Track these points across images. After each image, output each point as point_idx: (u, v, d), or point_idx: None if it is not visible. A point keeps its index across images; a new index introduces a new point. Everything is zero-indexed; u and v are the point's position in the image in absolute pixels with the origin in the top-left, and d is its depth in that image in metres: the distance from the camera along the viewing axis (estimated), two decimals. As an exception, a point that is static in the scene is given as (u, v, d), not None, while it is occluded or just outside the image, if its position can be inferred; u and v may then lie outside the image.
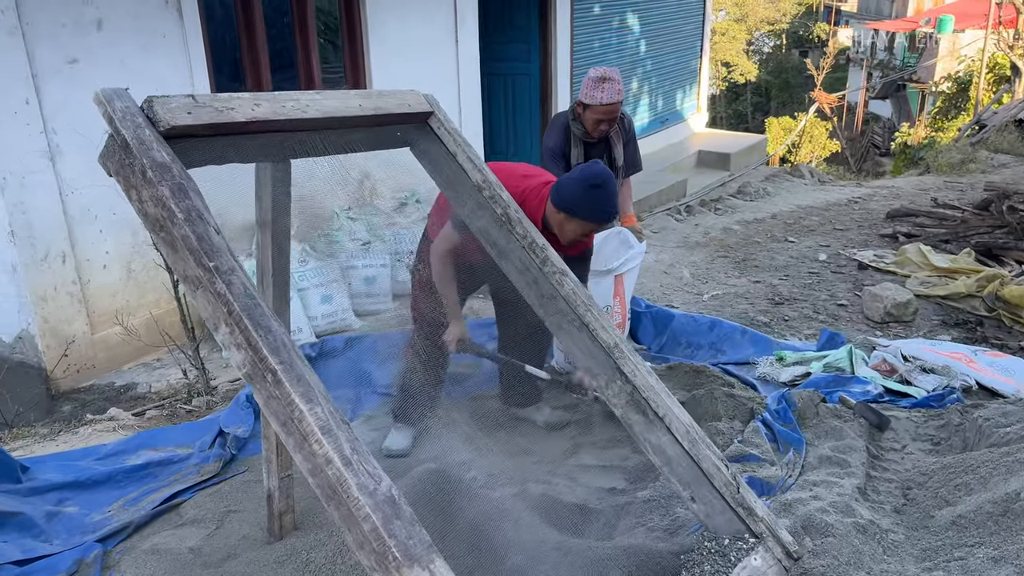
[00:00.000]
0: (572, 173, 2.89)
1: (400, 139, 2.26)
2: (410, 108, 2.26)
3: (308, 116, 1.96)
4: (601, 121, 3.64)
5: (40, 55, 4.05)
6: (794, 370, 3.80)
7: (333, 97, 2.06)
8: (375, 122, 2.18)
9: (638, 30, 8.86)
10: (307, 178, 2.24)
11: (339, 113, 2.05)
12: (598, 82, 3.55)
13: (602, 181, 2.78)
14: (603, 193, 2.79)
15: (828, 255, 6.19)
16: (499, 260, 2.35)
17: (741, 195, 8.43)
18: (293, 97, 1.97)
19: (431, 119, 2.33)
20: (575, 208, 2.80)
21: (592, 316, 2.22)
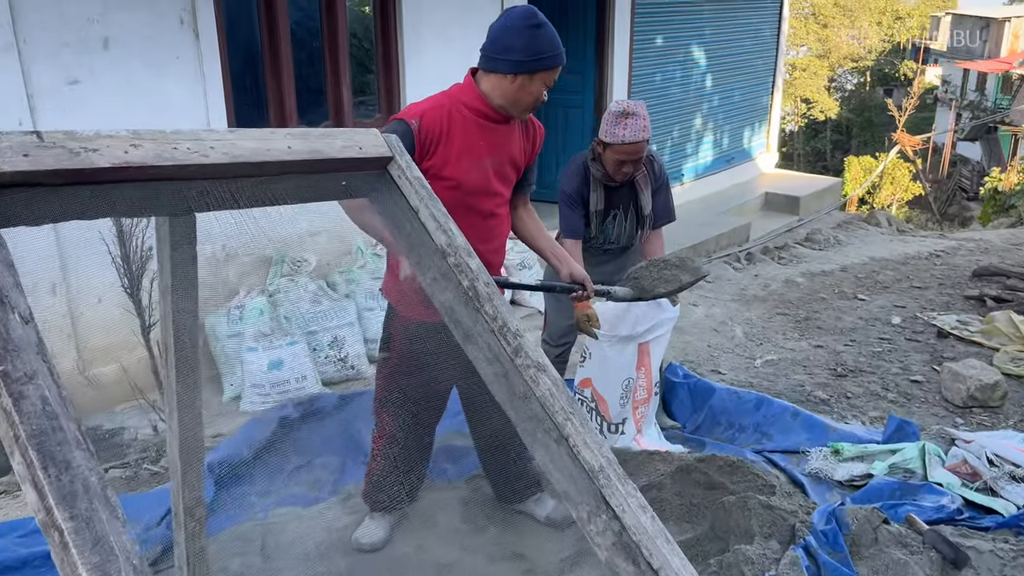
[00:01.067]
0: (495, 24, 2.44)
1: (345, 190, 1.82)
2: (361, 152, 1.82)
3: (211, 161, 1.54)
4: (623, 163, 3.16)
5: (38, 75, 3.79)
6: (852, 467, 3.21)
7: (251, 137, 1.63)
8: (312, 168, 1.75)
9: (704, 64, 8.34)
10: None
11: (258, 158, 1.62)
12: (620, 118, 3.07)
13: (540, 19, 2.37)
14: (545, 31, 2.37)
15: (903, 318, 5.51)
16: (464, 344, 1.88)
17: (809, 243, 7.77)
18: (193, 137, 1.55)
19: (391, 165, 1.89)
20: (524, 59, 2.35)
21: (574, 427, 1.72)
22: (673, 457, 3.08)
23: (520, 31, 2.35)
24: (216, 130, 1.59)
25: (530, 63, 2.36)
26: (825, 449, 3.34)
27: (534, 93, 2.43)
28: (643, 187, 3.28)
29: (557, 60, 2.41)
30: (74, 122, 3.95)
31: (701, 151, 8.68)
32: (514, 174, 2.62)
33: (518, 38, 2.35)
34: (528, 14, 2.36)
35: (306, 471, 3.27)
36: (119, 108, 4.10)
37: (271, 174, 1.69)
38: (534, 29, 2.35)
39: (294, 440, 3.37)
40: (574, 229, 3.31)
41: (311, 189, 1.78)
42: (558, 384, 1.77)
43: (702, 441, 3.52)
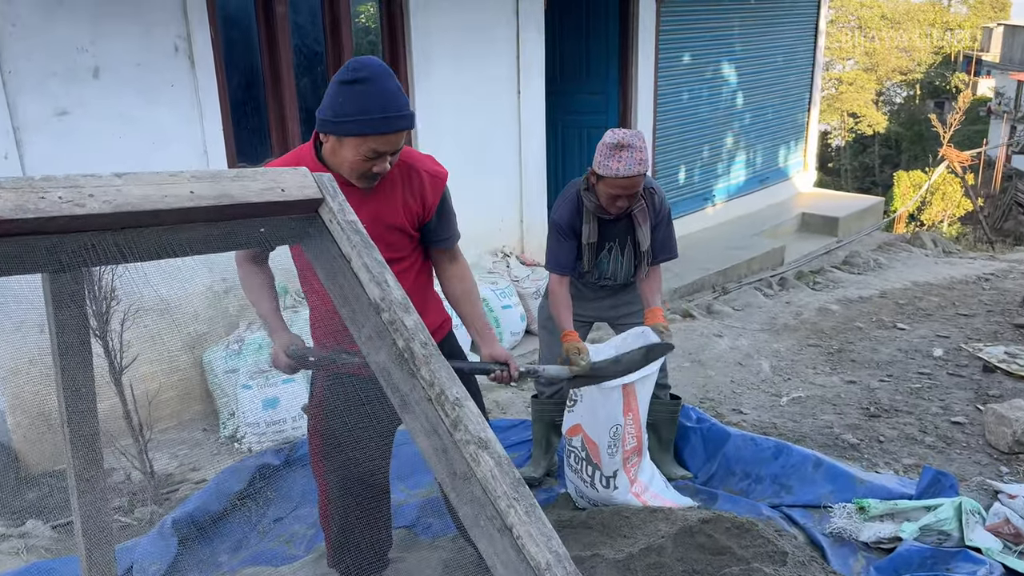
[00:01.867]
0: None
1: (264, 238, 1.61)
2: (283, 195, 1.61)
3: (87, 212, 1.34)
4: (617, 197, 2.91)
5: (24, 106, 3.69)
6: (880, 528, 2.88)
7: (143, 182, 1.43)
8: (223, 215, 1.55)
9: (735, 81, 8.04)
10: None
11: (150, 206, 1.42)
12: (614, 150, 2.82)
13: (366, 73, 1.97)
14: (371, 88, 1.96)
15: (946, 350, 5.13)
16: (402, 413, 1.65)
17: (847, 267, 7.40)
18: (69, 184, 1.35)
19: (322, 208, 1.68)
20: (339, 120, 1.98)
21: (517, 515, 1.47)
22: (676, 516, 2.80)
23: (331, 85, 2.01)
24: (99, 175, 1.39)
25: (334, 123, 2.00)
26: (850, 506, 3.02)
27: (349, 160, 2.04)
28: (641, 221, 3.02)
29: (369, 127, 1.98)
30: (64, 155, 3.84)
31: (733, 171, 8.36)
32: (402, 237, 2.26)
33: (331, 92, 2.01)
34: (350, 66, 1.99)
35: (283, 525, 3.06)
36: (111, 139, 3.98)
37: (170, 223, 1.49)
38: (348, 87, 1.97)
39: (271, 491, 3.17)
40: (560, 263, 3.07)
41: (222, 239, 1.57)
42: (502, 464, 1.52)
43: (714, 494, 3.23)
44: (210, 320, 4.50)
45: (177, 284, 4.31)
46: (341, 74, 2.00)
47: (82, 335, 1.54)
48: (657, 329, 2.96)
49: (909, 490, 3.14)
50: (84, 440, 1.60)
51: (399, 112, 2.01)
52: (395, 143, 2.07)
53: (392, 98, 2.00)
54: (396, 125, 2.02)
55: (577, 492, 3.10)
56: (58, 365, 1.54)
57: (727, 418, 4.07)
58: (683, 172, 7.75)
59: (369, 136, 2.00)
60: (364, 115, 1.97)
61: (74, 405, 1.56)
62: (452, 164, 5.49)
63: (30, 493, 3.70)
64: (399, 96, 2.02)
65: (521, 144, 6.06)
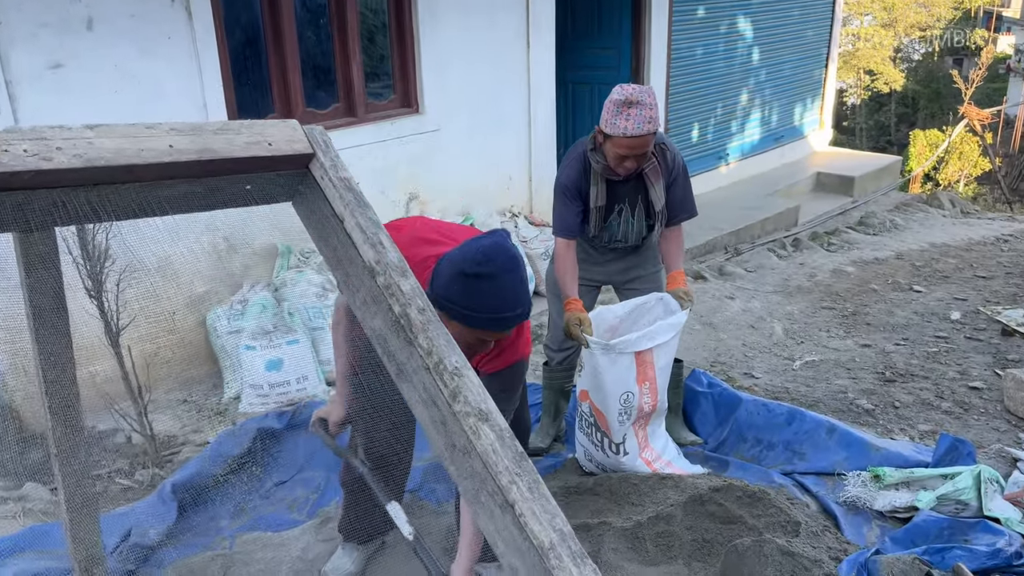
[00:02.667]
0: (454, 251, 1.90)
1: (250, 195, 1.51)
2: (271, 149, 1.50)
3: (55, 167, 1.25)
4: (625, 157, 2.75)
5: (16, 59, 3.57)
6: (895, 497, 2.81)
7: (117, 135, 1.33)
8: (205, 171, 1.45)
9: (751, 36, 7.81)
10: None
11: (124, 160, 1.32)
12: (622, 107, 2.67)
13: (490, 269, 1.81)
14: (489, 286, 1.82)
15: (963, 313, 5.02)
16: (399, 382, 1.56)
17: (863, 227, 7.24)
18: (35, 136, 1.25)
19: (313, 164, 1.57)
20: (450, 305, 1.86)
21: (520, 492, 1.39)
22: (686, 484, 2.72)
23: (454, 270, 1.85)
24: (69, 127, 1.29)
25: (444, 304, 1.87)
26: (864, 474, 2.94)
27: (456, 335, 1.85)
28: (653, 180, 2.87)
29: (476, 323, 1.87)
30: (58, 109, 3.74)
31: (747, 129, 8.17)
32: None
33: (449, 273, 1.86)
34: (476, 258, 1.82)
35: (286, 488, 3.01)
36: (107, 93, 3.86)
37: (147, 179, 1.39)
38: (470, 280, 1.83)
39: (274, 454, 3.11)
40: (566, 227, 2.94)
41: (204, 196, 1.47)
42: (504, 437, 1.44)
43: (725, 460, 3.15)
44: (214, 280, 4.43)
45: (180, 244, 4.24)
46: (464, 264, 1.83)
47: (57, 298, 1.45)
48: (677, 295, 2.86)
49: (925, 457, 3.06)
50: (62, 407, 1.52)
51: (514, 312, 1.88)
52: (505, 335, 1.98)
53: (511, 298, 1.86)
54: (508, 325, 1.91)
55: (586, 455, 3.03)
56: (32, 330, 1.45)
57: (738, 382, 3.99)
58: (696, 130, 7.57)
59: (477, 330, 1.90)
60: (478, 312, 1.85)
61: (50, 372, 1.49)
62: (459, 121, 5.39)
63: (33, 453, 3.67)
64: (520, 294, 1.88)
65: (530, 101, 5.90)
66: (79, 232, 2.83)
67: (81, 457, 1.58)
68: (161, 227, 3.46)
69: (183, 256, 4.18)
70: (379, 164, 5.00)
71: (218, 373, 4.37)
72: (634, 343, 2.69)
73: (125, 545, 2.52)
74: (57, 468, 1.57)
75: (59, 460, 1.55)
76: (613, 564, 2.43)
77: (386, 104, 5.15)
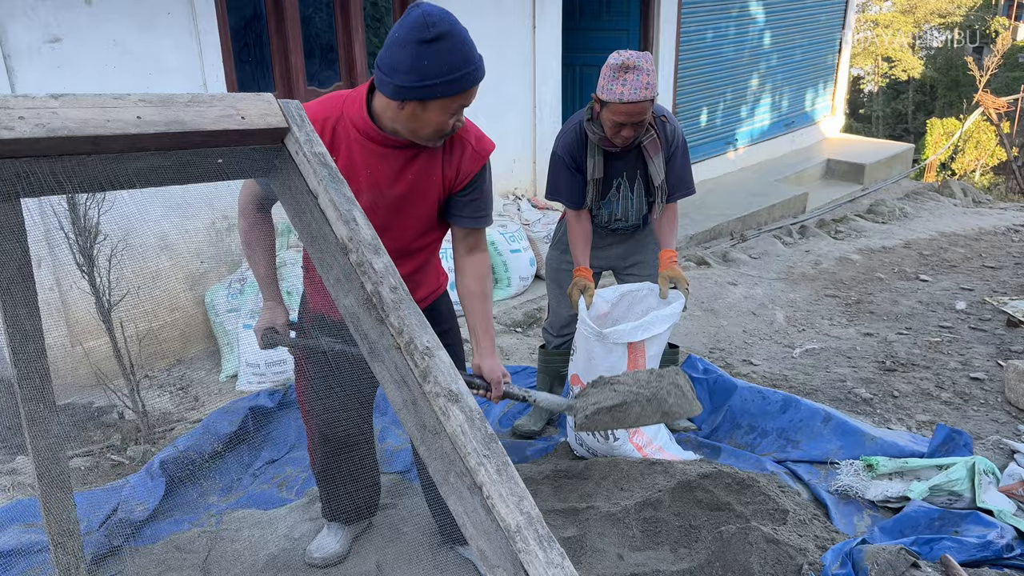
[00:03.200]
0: (389, 38, 1.81)
1: (222, 169, 1.49)
2: (243, 123, 1.48)
3: (17, 136, 1.23)
4: (622, 126, 2.69)
5: (14, 33, 3.56)
6: (887, 486, 2.78)
7: (82, 105, 1.31)
8: (175, 143, 1.42)
9: (762, 19, 7.71)
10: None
11: (90, 131, 1.30)
12: (618, 72, 2.60)
13: (443, 28, 1.75)
14: (451, 43, 1.76)
15: (969, 303, 4.96)
16: (371, 361, 1.54)
17: (871, 215, 7.16)
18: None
19: (288, 138, 1.55)
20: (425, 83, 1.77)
21: (487, 474, 1.37)
22: (675, 470, 2.70)
23: (406, 45, 1.76)
24: (32, 96, 1.27)
25: (417, 89, 1.79)
26: (857, 463, 2.91)
27: (434, 123, 1.87)
28: (652, 153, 2.81)
29: (455, 86, 1.81)
30: (56, 84, 3.73)
31: (757, 114, 8.08)
32: (427, 208, 2.09)
33: (404, 54, 1.77)
34: (421, 23, 1.75)
35: (276, 467, 3.01)
36: (105, 69, 3.84)
37: (113, 151, 1.37)
38: (425, 45, 1.75)
39: (265, 432, 3.11)
40: (573, 199, 2.88)
41: (174, 170, 1.45)
42: (473, 419, 1.43)
43: (717, 447, 3.13)
44: (213, 258, 4.42)
45: (178, 221, 4.22)
46: (416, 31, 1.76)
47: (23, 271, 1.44)
48: (671, 277, 2.80)
49: (921, 448, 3.03)
50: (32, 379, 1.51)
51: (479, 61, 1.85)
52: (475, 94, 1.90)
53: (472, 47, 1.82)
54: (480, 75, 1.85)
55: (577, 439, 3.01)
56: (0, 304, 1.44)
57: (736, 369, 3.96)
58: (705, 114, 7.49)
59: (457, 96, 1.83)
60: (454, 73, 1.79)
61: (20, 346, 1.47)
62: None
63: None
64: (473, 44, 1.84)
65: (535, 82, 5.85)
66: (70, 208, 2.82)
67: (53, 431, 1.57)
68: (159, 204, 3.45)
69: (182, 233, 4.18)
70: (381, 144, 4.97)
71: (216, 351, 4.38)
72: (629, 333, 2.67)
73: (112, 520, 2.52)
74: (29, 443, 1.56)
75: (30, 433, 1.54)
76: (598, 548, 2.41)
77: (389, 84, 5.10)
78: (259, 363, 4.07)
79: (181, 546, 2.48)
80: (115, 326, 3.05)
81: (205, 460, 2.86)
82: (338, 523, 2.52)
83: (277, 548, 2.53)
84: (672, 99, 7.02)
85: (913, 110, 30.49)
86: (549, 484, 2.79)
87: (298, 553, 2.51)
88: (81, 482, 2.86)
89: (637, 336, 2.66)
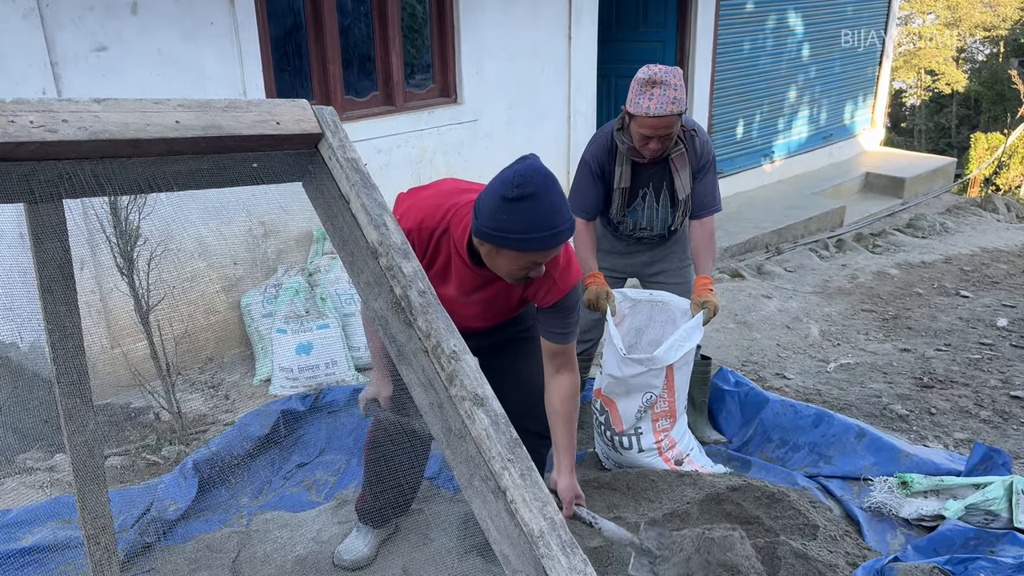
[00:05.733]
0: (490, 184, 1.93)
1: (257, 173, 1.52)
2: (278, 128, 1.51)
3: (60, 138, 1.27)
4: (649, 138, 2.71)
5: (62, 41, 3.66)
6: (923, 504, 2.73)
7: (124, 109, 1.35)
8: (212, 147, 1.46)
9: (801, 31, 7.65)
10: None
11: (130, 134, 1.34)
12: (645, 86, 2.62)
13: (530, 189, 1.83)
14: (532, 205, 1.84)
15: (1011, 320, 4.86)
16: (399, 364, 1.56)
17: (911, 230, 7.05)
18: (42, 108, 1.28)
19: (321, 144, 1.58)
20: (499, 234, 1.89)
21: (511, 478, 1.38)
22: (704, 482, 2.68)
23: (494, 197, 1.88)
24: (76, 100, 1.31)
25: (490, 235, 1.90)
26: (892, 479, 2.86)
27: (504, 268, 1.98)
28: (679, 167, 2.82)
29: (527, 244, 1.88)
30: (101, 92, 3.81)
31: (794, 127, 8.01)
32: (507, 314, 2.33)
33: (490, 203, 1.89)
34: (510, 181, 1.84)
35: (306, 470, 3.04)
36: (150, 77, 3.94)
37: (153, 154, 1.41)
38: (507, 203, 1.85)
39: (296, 436, 3.15)
40: (584, 207, 2.90)
41: (210, 173, 1.48)
42: (498, 423, 1.44)
43: (748, 460, 3.10)
44: (250, 263, 4.49)
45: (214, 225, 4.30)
46: (503, 189, 1.86)
47: (64, 270, 1.48)
48: (702, 304, 2.81)
49: (958, 466, 2.96)
50: (71, 377, 1.55)
51: (562, 227, 1.91)
52: (555, 253, 1.99)
53: (556, 213, 1.89)
54: (558, 240, 1.93)
55: (604, 455, 3.01)
56: (42, 302, 1.48)
57: (769, 383, 3.92)
58: (741, 126, 7.44)
59: (529, 253, 1.92)
60: (527, 233, 1.87)
61: (60, 343, 1.51)
62: (498, 112, 5.38)
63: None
64: (562, 209, 1.91)
65: (570, 93, 5.87)
66: (112, 211, 2.89)
67: (90, 427, 1.61)
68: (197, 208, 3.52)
69: (219, 238, 4.25)
70: (416, 153, 5.02)
71: (251, 355, 4.44)
72: (664, 357, 2.68)
73: (145, 518, 2.57)
74: (66, 438, 1.60)
75: (68, 428, 1.58)
76: (625, 560, 2.40)
77: (425, 94, 5.16)
78: (292, 367, 4.13)
79: (212, 546, 2.52)
80: (152, 328, 3.11)
81: (237, 461, 2.90)
82: (368, 526, 2.55)
83: (305, 550, 2.56)
84: (708, 110, 6.99)
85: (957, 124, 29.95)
86: (577, 494, 2.78)
87: (326, 556, 2.53)
88: (117, 480, 2.92)
89: (672, 357, 2.67)
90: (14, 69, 3.53)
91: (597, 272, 2.90)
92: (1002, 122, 24.54)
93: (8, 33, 3.45)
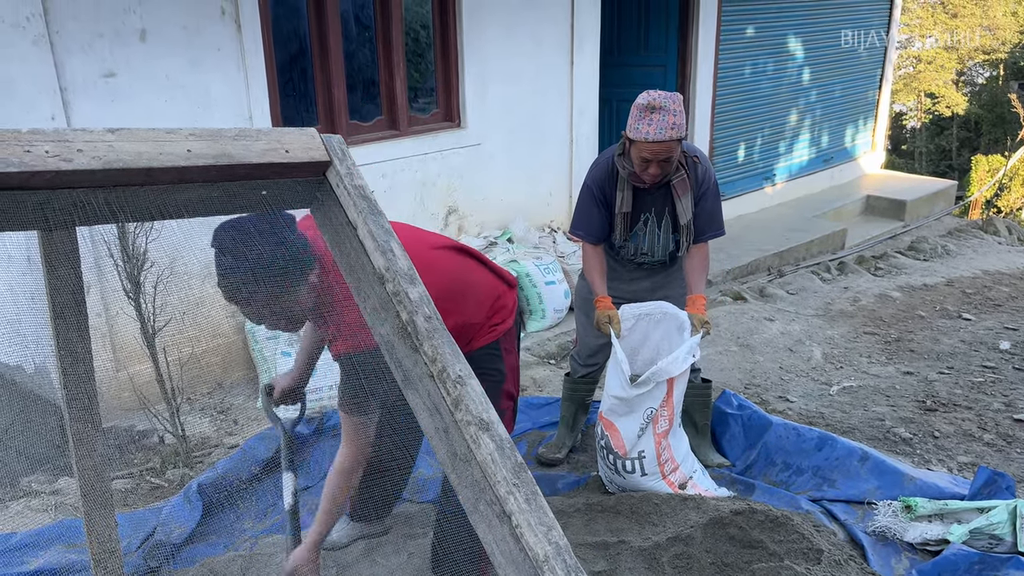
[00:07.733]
0: None
1: (266, 201, 1.54)
2: (287, 156, 1.54)
3: (75, 168, 1.29)
4: (649, 163, 2.75)
5: (71, 67, 3.71)
6: (927, 528, 2.72)
7: (137, 139, 1.38)
8: (222, 175, 1.49)
9: (801, 55, 7.72)
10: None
11: (143, 163, 1.36)
12: (644, 112, 2.66)
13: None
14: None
15: (1013, 343, 4.86)
16: (404, 389, 1.58)
17: (913, 252, 7.07)
18: (57, 137, 1.30)
19: (329, 171, 1.61)
20: None
21: (516, 503, 1.39)
22: (708, 506, 2.68)
23: None
24: (90, 130, 1.34)
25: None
26: (896, 503, 2.86)
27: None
28: (680, 192, 2.85)
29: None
30: (110, 118, 3.87)
31: (795, 150, 8.06)
32: None
33: None
34: None
35: (310, 494, 3.04)
36: (158, 103, 3.99)
37: (165, 182, 1.43)
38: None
39: (299, 460, 3.15)
40: (592, 232, 2.94)
41: (221, 201, 1.51)
42: (504, 447, 1.45)
43: (752, 484, 3.09)
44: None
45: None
46: None
47: (76, 296, 1.50)
48: (696, 323, 2.83)
49: (962, 490, 2.96)
50: (80, 401, 1.57)
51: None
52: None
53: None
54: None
55: (607, 479, 3.01)
56: (53, 327, 1.50)
57: (772, 406, 3.92)
58: (742, 150, 7.49)
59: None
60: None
61: (71, 368, 1.53)
62: (501, 136, 5.43)
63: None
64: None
65: (573, 117, 5.92)
66: (120, 236, 2.92)
67: (99, 451, 1.62)
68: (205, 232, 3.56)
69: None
70: (419, 176, 5.06)
71: (255, 378, 4.45)
72: (664, 371, 2.70)
73: (150, 542, 2.57)
74: (75, 462, 1.61)
75: (77, 453, 1.60)
76: (629, 583, 2.40)
77: (428, 118, 5.21)
78: (296, 390, 4.13)
79: (216, 570, 2.52)
80: (158, 351, 3.13)
81: (242, 484, 2.91)
82: (346, 517, 2.63)
83: (309, 574, 2.55)
84: (709, 134, 7.04)
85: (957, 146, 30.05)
86: (580, 517, 2.79)
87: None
88: (121, 503, 2.92)
89: (674, 371, 2.68)
90: (24, 94, 3.57)
91: (605, 296, 2.92)
92: (1002, 144, 24.66)
93: (18, 59, 3.50)
